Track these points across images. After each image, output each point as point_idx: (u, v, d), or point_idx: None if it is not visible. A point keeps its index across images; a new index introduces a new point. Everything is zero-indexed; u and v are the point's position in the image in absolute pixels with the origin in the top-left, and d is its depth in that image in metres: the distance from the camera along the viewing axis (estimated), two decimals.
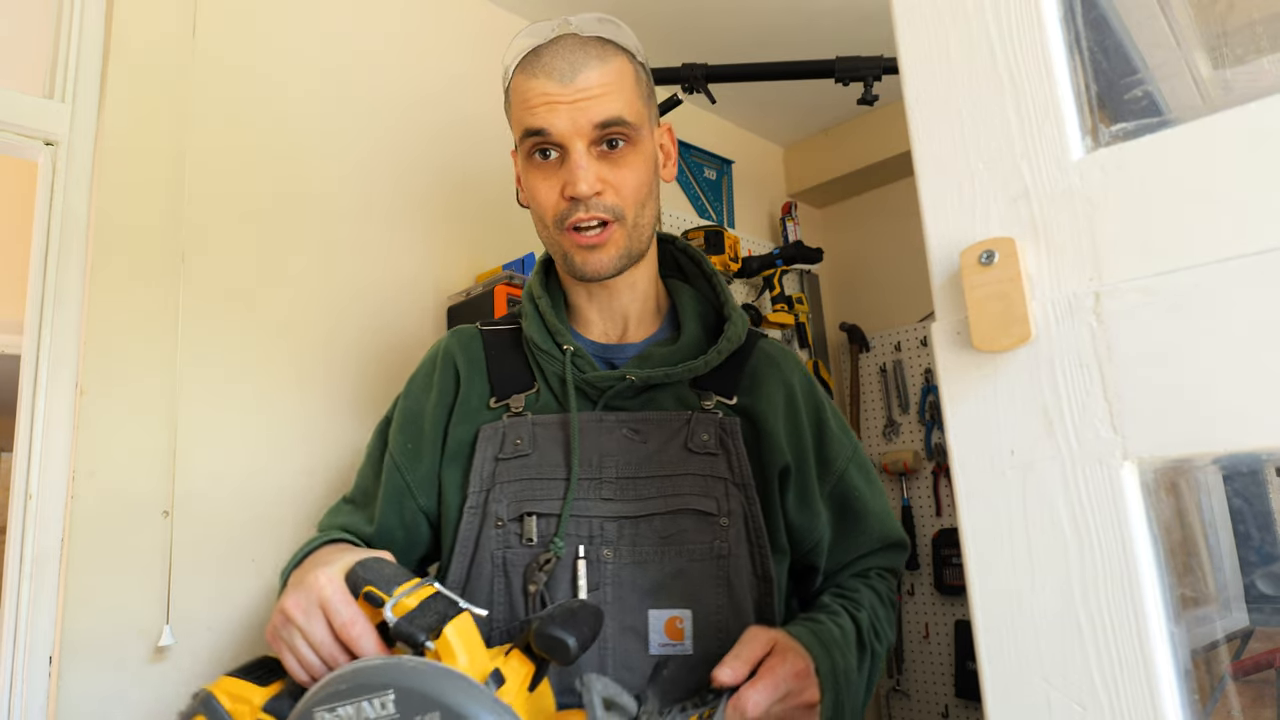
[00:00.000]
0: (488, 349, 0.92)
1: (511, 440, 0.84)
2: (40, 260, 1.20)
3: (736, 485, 0.82)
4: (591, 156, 0.80)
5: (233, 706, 0.65)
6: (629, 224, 0.83)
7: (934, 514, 2.44)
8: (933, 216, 0.45)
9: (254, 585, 1.32)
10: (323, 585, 0.65)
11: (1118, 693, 0.36)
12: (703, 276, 0.95)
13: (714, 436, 0.83)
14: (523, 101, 0.81)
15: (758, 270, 2.30)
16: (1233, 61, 0.65)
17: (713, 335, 0.90)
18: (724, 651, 0.75)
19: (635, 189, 0.82)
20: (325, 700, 0.57)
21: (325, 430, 1.45)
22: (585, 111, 0.79)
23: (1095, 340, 0.38)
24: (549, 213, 0.83)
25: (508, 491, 0.82)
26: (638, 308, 0.91)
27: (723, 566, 0.80)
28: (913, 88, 0.46)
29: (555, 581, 0.79)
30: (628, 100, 0.81)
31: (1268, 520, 0.71)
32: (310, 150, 1.53)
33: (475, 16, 1.90)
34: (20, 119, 1.22)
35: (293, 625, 0.65)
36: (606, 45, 0.83)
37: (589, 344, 0.90)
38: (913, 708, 2.41)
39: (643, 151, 0.83)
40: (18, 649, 1.10)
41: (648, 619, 0.78)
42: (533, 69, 0.81)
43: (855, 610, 0.85)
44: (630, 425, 0.84)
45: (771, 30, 2.12)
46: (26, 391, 1.17)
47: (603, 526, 0.80)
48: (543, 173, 0.83)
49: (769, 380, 0.89)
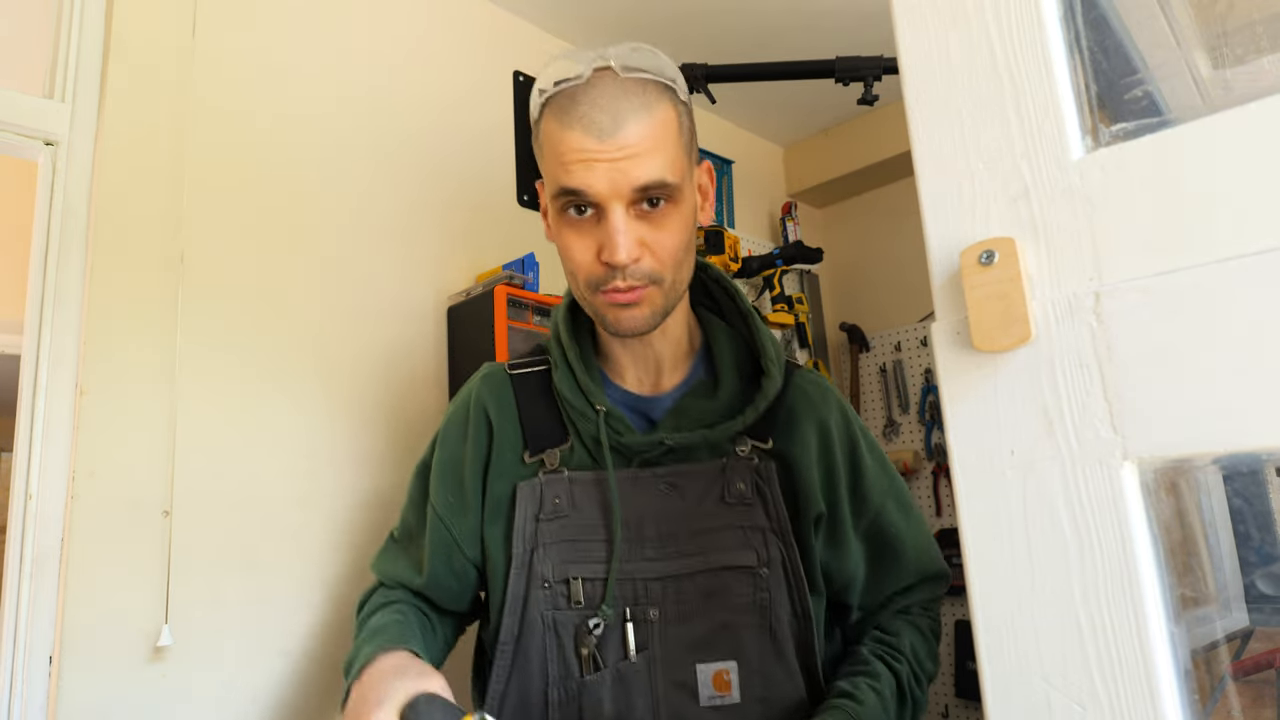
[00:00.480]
0: (518, 395, 0.90)
1: (550, 500, 0.84)
2: (40, 260, 1.20)
3: (774, 532, 0.83)
4: (630, 217, 0.75)
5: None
6: (666, 285, 0.79)
7: (934, 514, 2.44)
8: (933, 216, 0.45)
9: (253, 586, 1.32)
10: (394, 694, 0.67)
11: (1118, 693, 0.36)
12: (738, 313, 0.91)
13: (750, 485, 0.83)
14: (556, 154, 0.75)
15: (758, 270, 2.30)
16: (1233, 61, 0.65)
17: (749, 382, 0.88)
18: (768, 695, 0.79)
19: (674, 250, 0.77)
20: None
21: (325, 429, 1.45)
22: (625, 172, 0.73)
23: (1095, 340, 0.38)
24: (581, 273, 0.78)
25: (551, 554, 0.83)
26: (670, 351, 0.88)
27: (765, 615, 0.81)
28: (913, 88, 0.46)
29: (605, 643, 0.81)
30: (671, 157, 0.75)
31: (1268, 520, 0.71)
32: (310, 150, 1.53)
33: (477, 17, 1.90)
34: (20, 119, 1.21)
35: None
36: (648, 87, 0.76)
37: (622, 394, 0.88)
38: None
39: (684, 208, 0.78)
40: (18, 649, 1.10)
41: (696, 673, 0.80)
42: (568, 118, 0.74)
43: (895, 662, 0.85)
44: (667, 480, 0.84)
45: (771, 30, 2.12)
46: (26, 391, 1.17)
47: (647, 587, 0.82)
48: (576, 231, 0.77)
49: (804, 421, 0.87)
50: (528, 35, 2.01)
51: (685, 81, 0.83)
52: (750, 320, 0.90)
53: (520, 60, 1.97)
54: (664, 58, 0.80)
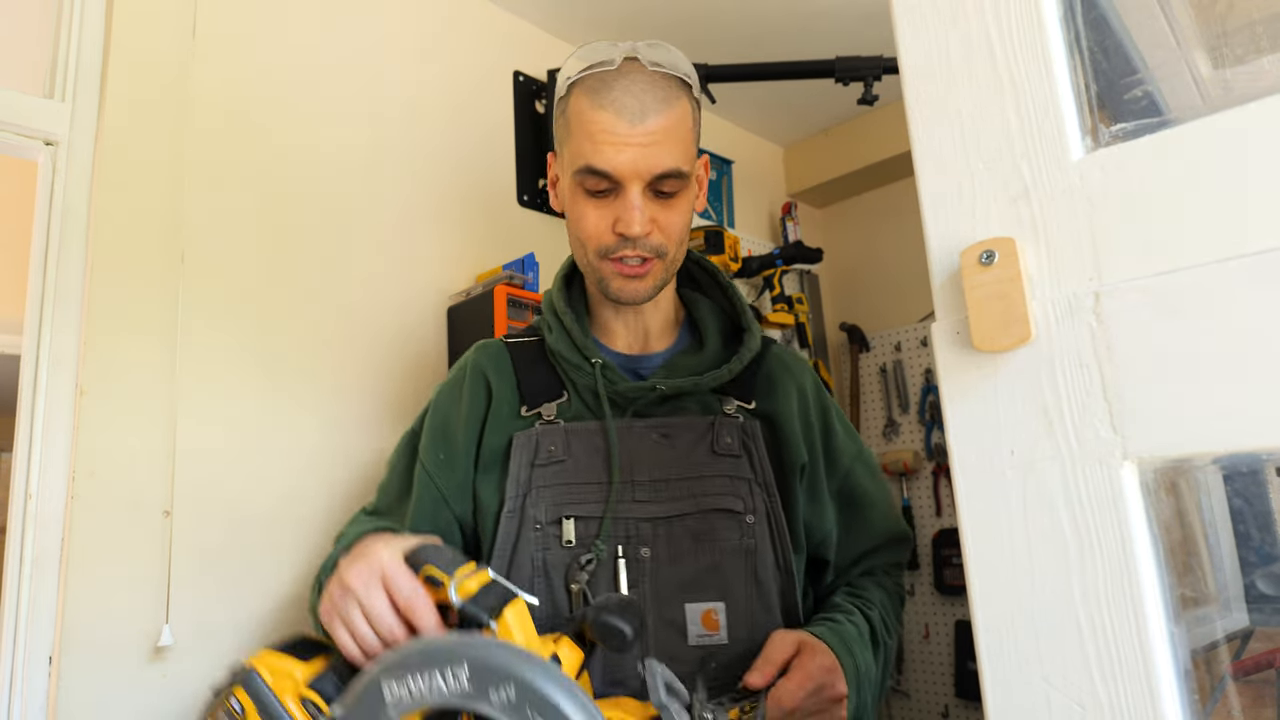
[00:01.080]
0: (515, 361, 0.95)
1: (545, 447, 0.88)
2: (40, 260, 1.20)
3: (759, 485, 0.87)
4: (646, 197, 0.84)
5: (275, 682, 0.64)
6: (669, 260, 0.88)
7: (934, 514, 2.44)
8: (933, 216, 0.45)
9: (254, 585, 1.32)
10: (385, 560, 0.65)
11: (1118, 693, 0.36)
12: (718, 288, 1.01)
13: (736, 439, 0.88)
14: (586, 133, 0.83)
15: (758, 270, 2.30)
16: (1233, 61, 0.65)
17: (730, 345, 0.96)
18: (755, 640, 0.81)
19: (680, 229, 0.87)
20: (394, 670, 0.57)
21: (325, 429, 1.45)
22: (648, 157, 0.82)
23: (1095, 340, 0.38)
24: (593, 241, 0.86)
25: (545, 496, 0.86)
26: (659, 321, 0.96)
27: (750, 561, 0.85)
28: (913, 88, 0.46)
29: (596, 580, 0.83)
30: (685, 148, 0.85)
31: (1268, 520, 0.71)
32: (310, 150, 1.53)
33: (477, 17, 1.90)
34: (20, 119, 1.21)
35: (352, 597, 0.64)
36: (671, 83, 0.85)
37: (614, 355, 0.95)
38: (913, 708, 2.41)
39: (689, 193, 0.89)
40: (18, 649, 1.10)
41: (685, 612, 0.83)
42: (601, 99, 0.82)
43: (867, 608, 0.89)
44: (659, 431, 0.88)
45: (771, 30, 2.12)
46: (26, 391, 1.17)
47: (638, 527, 0.85)
48: (594, 203, 0.85)
49: (783, 383, 0.95)
50: (528, 35, 2.01)
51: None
52: (729, 291, 0.99)
53: (520, 60, 1.97)
54: (682, 55, 0.88)
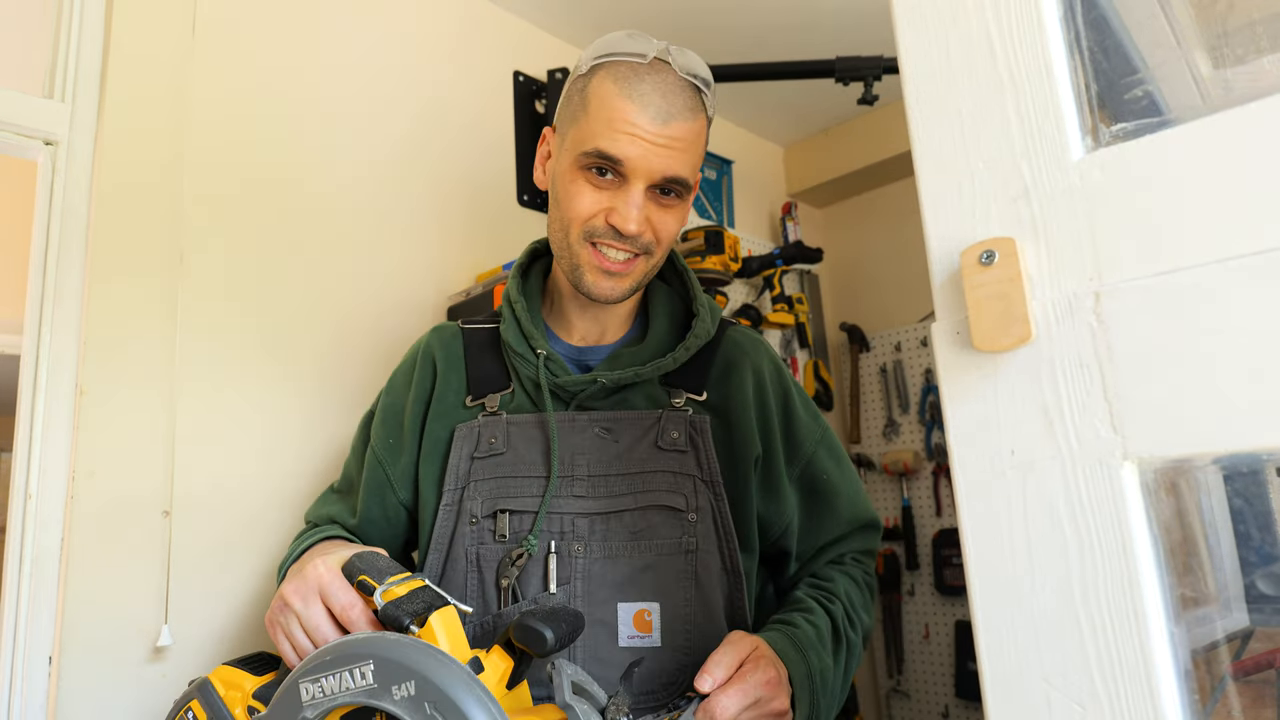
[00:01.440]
0: (467, 347, 0.94)
1: (486, 439, 0.86)
2: (40, 260, 1.20)
3: (705, 482, 0.84)
4: (646, 197, 0.83)
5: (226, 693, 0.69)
6: (653, 261, 0.87)
7: (934, 514, 2.44)
8: (933, 216, 0.45)
9: (253, 585, 1.31)
10: (321, 573, 0.68)
11: (1118, 693, 0.36)
12: (674, 272, 0.98)
13: (684, 434, 0.85)
14: (606, 118, 0.81)
15: (758, 270, 2.30)
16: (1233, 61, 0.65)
17: (682, 331, 0.92)
18: (690, 644, 0.79)
19: (672, 235, 0.87)
20: (310, 672, 0.60)
21: (325, 430, 1.45)
22: (663, 159, 0.80)
23: (1095, 340, 0.38)
24: (580, 222, 0.84)
25: (482, 489, 0.85)
26: (620, 313, 0.94)
27: (690, 561, 0.82)
28: (913, 88, 0.46)
29: (527, 576, 0.81)
30: (695, 160, 0.85)
31: (1268, 520, 0.71)
32: (310, 150, 1.53)
33: (477, 16, 1.90)
34: (20, 119, 1.21)
35: (290, 611, 0.68)
36: (696, 97, 0.84)
37: (565, 347, 0.93)
38: (913, 708, 2.41)
39: (687, 203, 0.88)
40: (18, 649, 1.10)
41: (617, 612, 0.80)
42: (629, 90, 0.80)
43: (829, 603, 0.87)
44: (602, 424, 0.86)
45: (771, 30, 2.12)
46: (26, 391, 1.17)
47: (574, 523, 0.82)
48: (593, 184, 0.83)
49: (738, 370, 0.91)
50: (528, 35, 2.01)
51: None
52: (685, 276, 0.96)
53: (520, 60, 1.97)
54: (706, 66, 0.88)
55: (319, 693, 0.59)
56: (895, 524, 2.49)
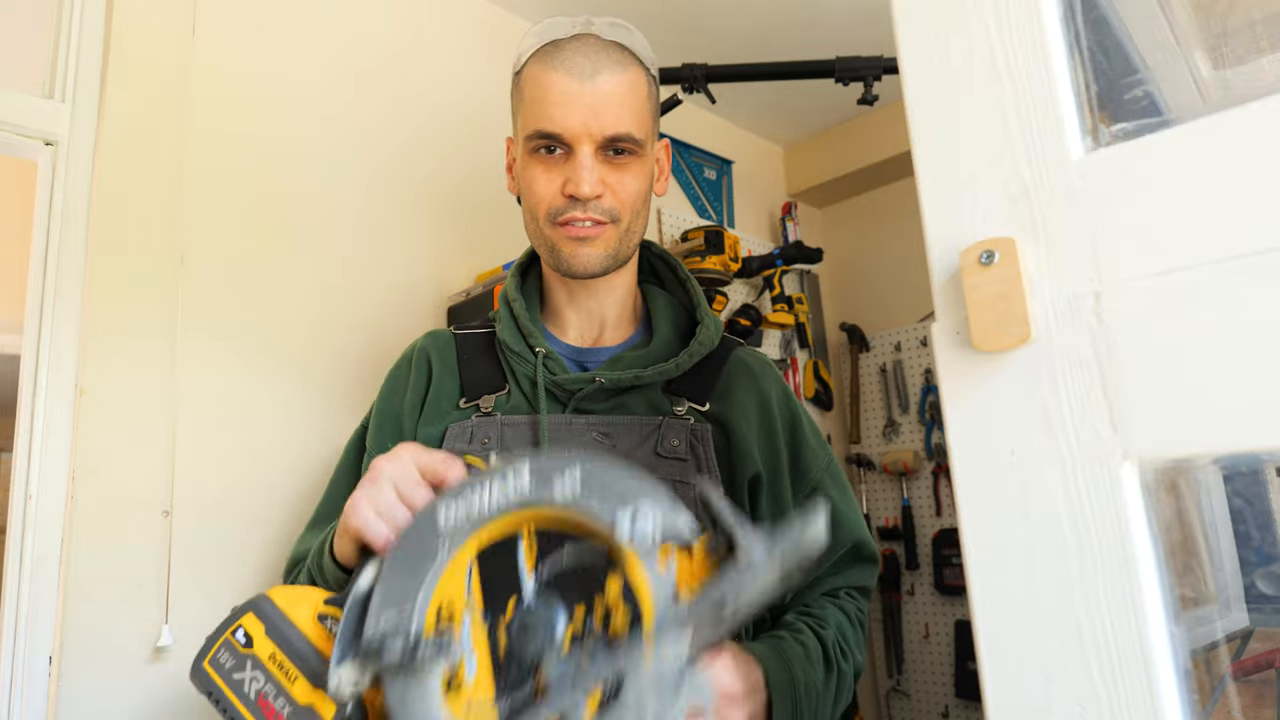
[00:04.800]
0: (460, 351, 0.92)
1: (479, 439, 0.84)
2: (40, 260, 1.20)
3: None
4: (598, 159, 0.81)
5: (289, 606, 0.60)
6: (622, 228, 0.85)
7: (934, 514, 2.44)
8: (933, 216, 0.45)
9: (253, 585, 1.31)
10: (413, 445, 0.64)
11: (1118, 693, 0.36)
12: (677, 281, 0.96)
13: (684, 442, 0.83)
14: (537, 95, 0.81)
15: (758, 270, 2.30)
16: (1233, 61, 0.65)
17: (686, 339, 0.91)
18: None
19: (634, 195, 0.84)
20: (452, 493, 0.54)
21: (325, 430, 1.45)
22: (599, 117, 0.79)
23: (1095, 340, 0.38)
24: (543, 205, 0.84)
25: None
26: (615, 311, 0.92)
27: None
28: (913, 88, 0.46)
29: None
30: (639, 115, 0.83)
31: (1268, 520, 0.71)
32: (310, 150, 1.53)
33: (476, 16, 1.90)
34: (20, 119, 1.21)
35: (382, 477, 0.61)
36: (625, 52, 0.83)
37: (563, 347, 0.91)
38: (913, 708, 2.41)
39: (645, 163, 0.85)
40: (18, 649, 1.10)
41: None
42: (552, 60, 0.81)
43: (820, 628, 0.83)
44: (599, 429, 0.83)
45: (771, 30, 2.12)
46: (26, 391, 1.17)
47: None
48: (544, 165, 0.83)
49: (742, 388, 0.89)
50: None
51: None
52: (688, 284, 0.95)
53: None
54: (642, 39, 0.87)
55: (461, 514, 0.52)
56: (895, 524, 2.49)
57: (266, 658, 0.58)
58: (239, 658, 0.59)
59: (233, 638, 0.60)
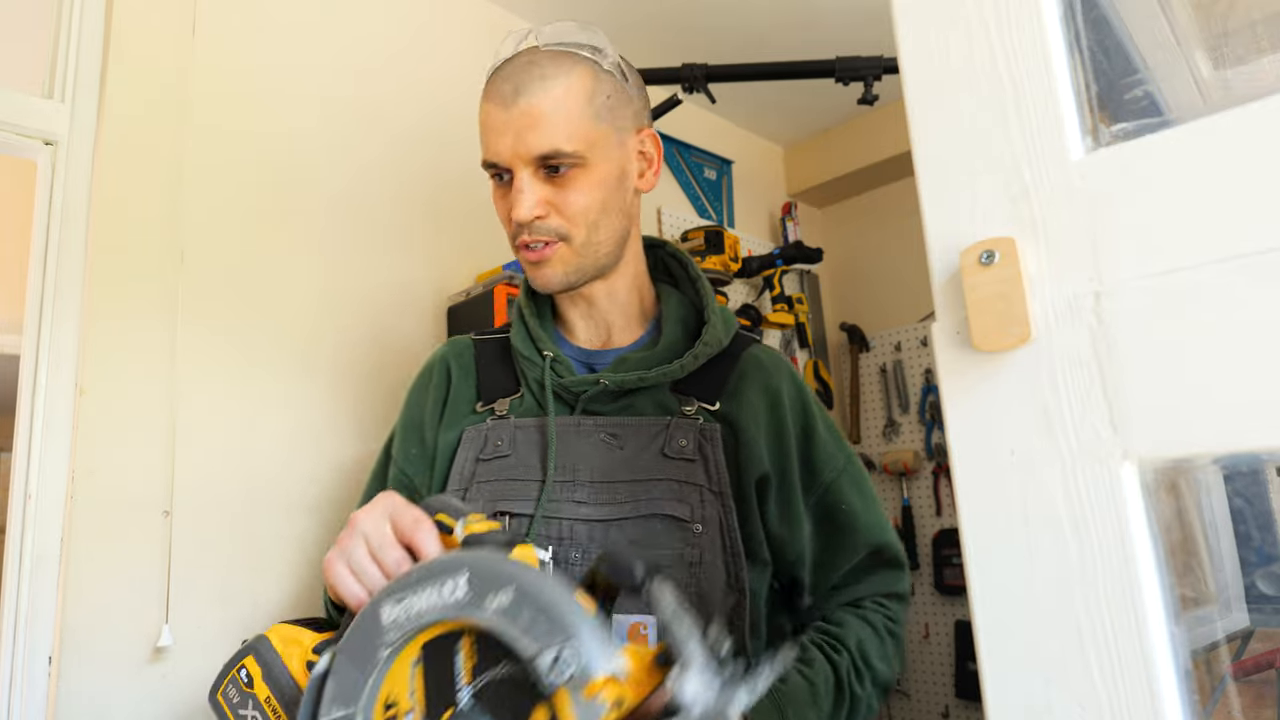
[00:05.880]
0: (478, 356, 0.94)
1: (493, 441, 0.86)
2: (40, 260, 1.20)
3: (713, 493, 0.80)
4: (537, 180, 0.81)
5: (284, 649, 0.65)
6: (578, 242, 0.83)
7: (934, 514, 2.44)
8: (933, 216, 0.45)
9: (253, 585, 1.31)
10: (394, 500, 0.64)
11: (1118, 693, 0.36)
12: (689, 280, 0.95)
13: (692, 442, 0.82)
14: (481, 124, 0.83)
15: (758, 270, 2.30)
16: (1233, 61, 0.65)
17: (694, 339, 0.89)
18: None
19: (583, 210, 0.81)
20: (392, 593, 0.55)
21: (325, 430, 1.45)
22: (522, 138, 0.79)
23: (1095, 340, 0.38)
24: (507, 230, 0.86)
25: (484, 491, 0.83)
26: (620, 314, 0.91)
27: (694, 574, 0.77)
28: (913, 88, 0.46)
29: None
30: (572, 125, 0.79)
31: (1268, 520, 0.71)
32: (310, 150, 1.53)
33: (476, 16, 1.90)
34: (20, 119, 1.21)
35: (356, 533, 0.62)
36: (559, 60, 0.81)
37: (573, 350, 0.91)
38: (913, 708, 2.41)
39: (594, 173, 0.82)
40: (17, 649, 1.10)
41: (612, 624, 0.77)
42: (487, 89, 0.83)
43: (835, 653, 0.80)
44: (607, 430, 0.84)
45: (771, 30, 2.12)
46: (26, 391, 1.17)
47: (573, 529, 0.80)
48: (500, 192, 0.85)
49: (752, 387, 0.87)
50: None
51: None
52: (698, 284, 0.94)
53: None
54: (591, 31, 0.85)
55: (403, 614, 0.53)
56: (895, 524, 2.49)
57: (264, 700, 0.63)
58: (243, 695, 0.64)
59: (238, 675, 0.65)
